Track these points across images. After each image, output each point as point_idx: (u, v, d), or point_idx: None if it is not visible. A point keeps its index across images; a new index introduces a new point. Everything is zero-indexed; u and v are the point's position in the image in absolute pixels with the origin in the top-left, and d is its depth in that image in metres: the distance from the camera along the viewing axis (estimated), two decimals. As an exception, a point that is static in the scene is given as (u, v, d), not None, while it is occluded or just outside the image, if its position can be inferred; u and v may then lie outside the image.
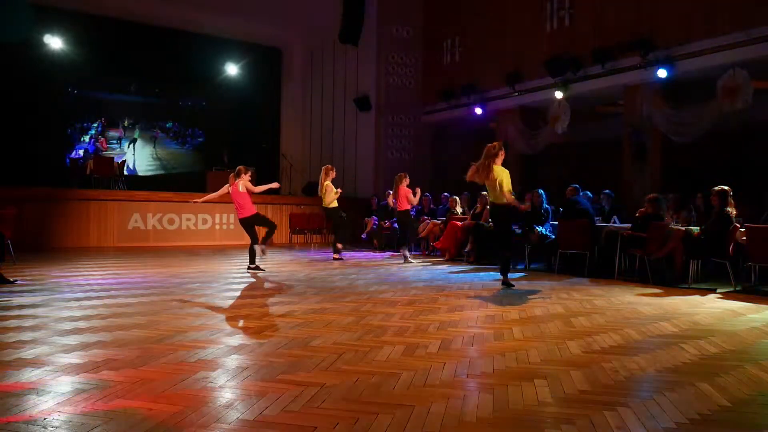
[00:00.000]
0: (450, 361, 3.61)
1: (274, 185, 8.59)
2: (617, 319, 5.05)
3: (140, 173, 17.75)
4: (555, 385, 3.16)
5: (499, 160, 6.53)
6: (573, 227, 8.23)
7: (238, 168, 8.16)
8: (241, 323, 4.65)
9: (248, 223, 8.11)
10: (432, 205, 12.31)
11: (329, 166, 9.90)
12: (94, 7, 15.01)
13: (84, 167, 14.37)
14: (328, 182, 9.65)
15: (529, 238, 9.01)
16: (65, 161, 16.03)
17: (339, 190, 9.76)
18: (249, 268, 8.14)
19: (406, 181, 9.60)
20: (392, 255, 11.03)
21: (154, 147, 18.38)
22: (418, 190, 9.72)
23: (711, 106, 9.18)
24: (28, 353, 3.63)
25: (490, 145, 6.59)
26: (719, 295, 6.47)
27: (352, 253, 11.23)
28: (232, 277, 7.61)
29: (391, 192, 10.08)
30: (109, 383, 3.07)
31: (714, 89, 9.03)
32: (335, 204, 9.76)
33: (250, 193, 8.07)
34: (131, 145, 17.98)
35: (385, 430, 2.52)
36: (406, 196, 9.56)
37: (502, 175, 6.49)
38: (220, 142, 17.37)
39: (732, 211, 6.79)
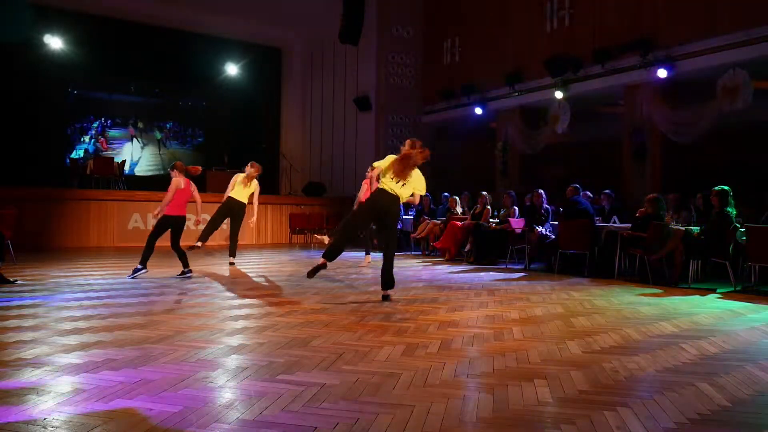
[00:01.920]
0: (450, 361, 3.61)
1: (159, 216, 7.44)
2: (617, 319, 5.05)
3: (140, 173, 17.76)
4: (555, 385, 3.16)
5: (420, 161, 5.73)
6: (573, 227, 8.23)
7: (175, 162, 7.55)
8: (241, 323, 4.65)
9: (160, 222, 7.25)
10: (432, 205, 12.30)
11: (254, 162, 8.92)
12: (94, 7, 14.99)
13: (84, 167, 14.38)
14: (244, 175, 8.79)
15: (529, 238, 9.02)
16: (65, 161, 16.02)
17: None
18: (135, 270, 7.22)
19: (375, 185, 9.05)
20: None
21: (158, 147, 18.44)
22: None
23: (711, 106, 9.18)
24: (28, 353, 3.63)
25: (413, 144, 5.74)
26: (719, 295, 6.47)
27: (353, 254, 11.20)
28: (232, 276, 7.60)
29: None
30: (109, 383, 3.07)
31: (714, 89, 9.03)
32: (241, 199, 8.89)
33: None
34: (160, 145, 18.06)
35: (385, 430, 2.51)
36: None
37: (420, 178, 5.85)
38: (220, 142, 17.37)
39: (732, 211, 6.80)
